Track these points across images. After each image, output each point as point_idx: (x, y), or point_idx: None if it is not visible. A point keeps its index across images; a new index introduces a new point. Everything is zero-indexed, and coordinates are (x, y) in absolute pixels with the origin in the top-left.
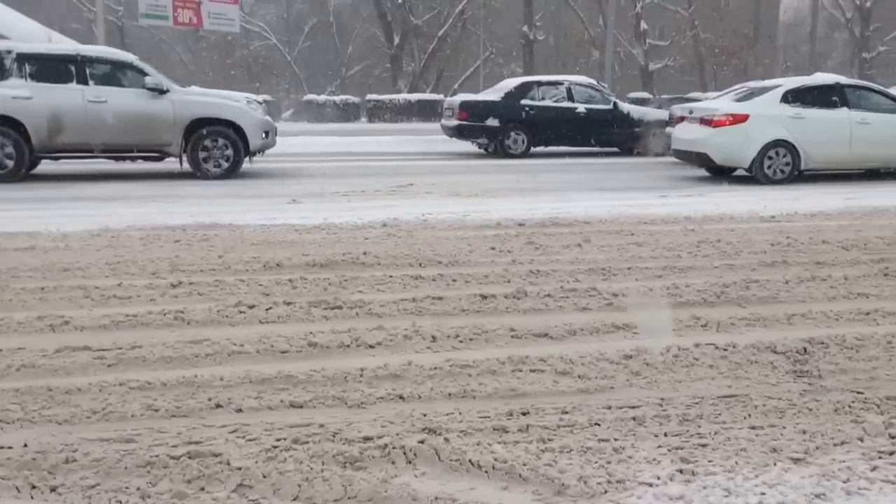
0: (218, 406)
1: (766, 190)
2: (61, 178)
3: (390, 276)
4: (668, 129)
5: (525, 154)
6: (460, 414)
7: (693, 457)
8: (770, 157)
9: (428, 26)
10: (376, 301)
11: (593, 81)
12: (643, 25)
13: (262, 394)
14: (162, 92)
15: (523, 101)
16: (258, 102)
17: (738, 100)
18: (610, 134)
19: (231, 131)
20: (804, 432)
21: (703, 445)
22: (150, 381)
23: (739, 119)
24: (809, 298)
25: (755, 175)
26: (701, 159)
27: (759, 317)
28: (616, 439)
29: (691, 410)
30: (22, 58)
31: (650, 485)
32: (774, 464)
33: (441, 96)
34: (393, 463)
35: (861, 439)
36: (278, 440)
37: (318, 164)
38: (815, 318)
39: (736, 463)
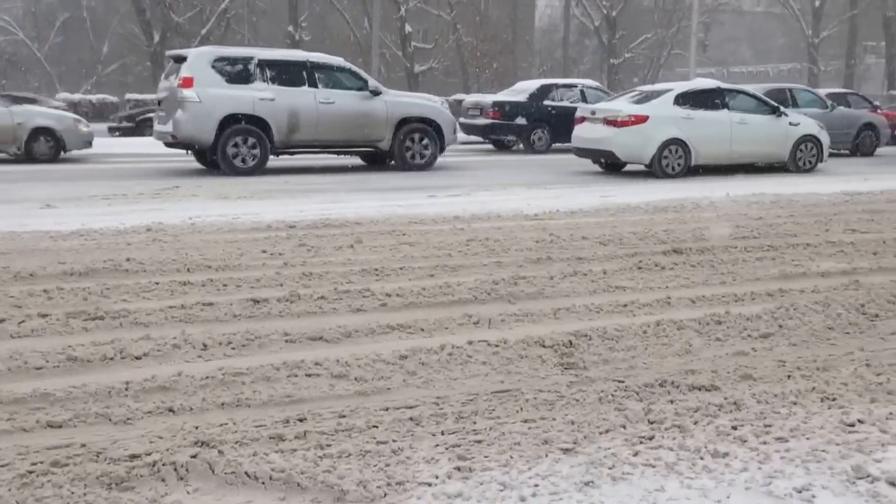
0: None
1: (533, 190)
2: None
3: (156, 283)
4: None
5: (547, 150)
6: (234, 424)
7: (470, 454)
8: (666, 156)
9: (190, 24)
10: (142, 309)
11: (601, 84)
12: (408, 28)
13: (14, 415)
14: (376, 94)
15: (545, 102)
16: (447, 103)
17: (636, 102)
18: None
19: (431, 128)
20: (572, 423)
21: (479, 442)
22: None
23: (640, 119)
24: (573, 293)
25: (654, 171)
26: (604, 157)
27: (528, 312)
28: (394, 441)
29: (467, 408)
30: (262, 63)
31: (429, 484)
32: (546, 455)
33: None
34: (163, 480)
35: (623, 426)
36: (34, 464)
37: (95, 167)
38: (579, 311)
39: (511, 457)
